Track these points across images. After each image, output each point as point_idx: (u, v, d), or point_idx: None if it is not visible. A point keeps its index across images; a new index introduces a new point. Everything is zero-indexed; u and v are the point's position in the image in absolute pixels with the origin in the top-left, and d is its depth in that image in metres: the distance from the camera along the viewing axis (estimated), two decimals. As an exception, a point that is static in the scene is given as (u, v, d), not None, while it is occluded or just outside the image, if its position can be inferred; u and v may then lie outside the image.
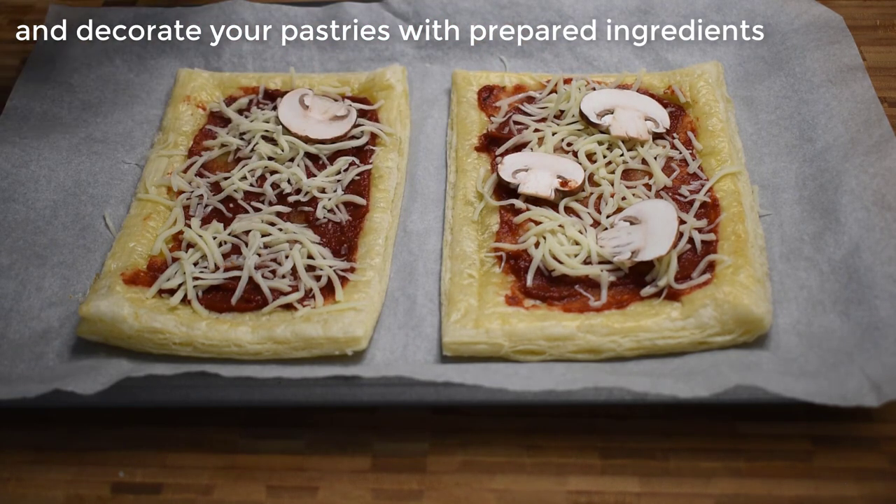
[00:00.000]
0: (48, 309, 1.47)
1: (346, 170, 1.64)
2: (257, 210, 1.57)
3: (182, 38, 1.92)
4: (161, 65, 1.91)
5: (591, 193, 1.55)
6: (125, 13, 1.95)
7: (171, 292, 1.45)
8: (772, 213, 1.54)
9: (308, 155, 1.66)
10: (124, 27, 1.93)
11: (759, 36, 1.82)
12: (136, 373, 1.31)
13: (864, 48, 1.82)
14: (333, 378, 1.31)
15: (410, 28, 1.92)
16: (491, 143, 1.67)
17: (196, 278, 1.45)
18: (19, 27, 2.07)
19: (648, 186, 1.56)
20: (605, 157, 1.61)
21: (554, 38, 1.89)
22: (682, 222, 1.47)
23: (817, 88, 1.67)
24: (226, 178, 1.62)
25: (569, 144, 1.64)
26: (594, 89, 1.72)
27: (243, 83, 1.82)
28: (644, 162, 1.60)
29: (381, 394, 1.30)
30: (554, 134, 1.66)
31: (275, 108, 1.73)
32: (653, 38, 1.87)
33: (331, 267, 1.45)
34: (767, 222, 1.53)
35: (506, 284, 1.44)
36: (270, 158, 1.65)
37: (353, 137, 1.69)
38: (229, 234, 1.51)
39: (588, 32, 1.89)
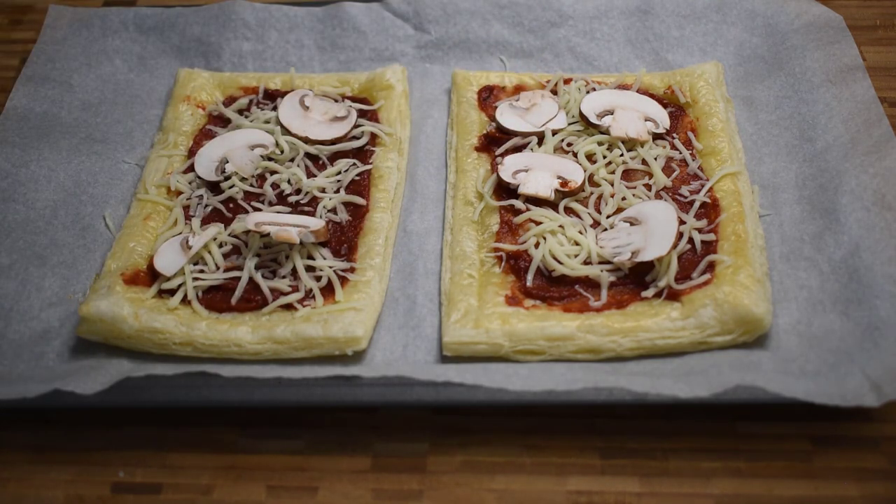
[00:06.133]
0: (48, 309, 1.48)
1: (346, 170, 1.64)
2: (257, 210, 1.57)
3: (182, 38, 1.92)
4: (161, 65, 1.91)
5: (591, 194, 1.56)
6: (125, 13, 1.95)
7: (172, 292, 1.45)
8: (772, 213, 1.54)
9: (308, 155, 1.66)
10: (124, 27, 1.93)
11: (759, 36, 1.83)
12: (136, 373, 1.31)
13: (864, 48, 1.83)
14: (333, 378, 1.31)
15: (410, 28, 1.92)
16: (491, 143, 1.67)
17: (196, 278, 1.45)
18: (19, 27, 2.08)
19: (648, 187, 1.56)
20: (604, 157, 1.61)
21: (554, 38, 1.89)
22: (682, 222, 1.47)
23: (817, 88, 1.67)
24: (226, 179, 1.62)
25: (569, 145, 1.64)
26: (594, 89, 1.73)
27: (243, 83, 1.83)
28: (644, 162, 1.60)
29: (381, 394, 1.30)
30: (554, 134, 1.66)
31: (275, 109, 1.73)
32: (653, 38, 1.88)
33: (331, 267, 1.46)
34: (767, 222, 1.53)
35: (506, 284, 1.44)
36: (270, 159, 1.65)
37: (353, 138, 1.69)
38: (229, 235, 1.51)
39: (588, 32, 1.89)
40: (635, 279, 1.43)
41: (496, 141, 1.67)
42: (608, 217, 1.52)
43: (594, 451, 1.30)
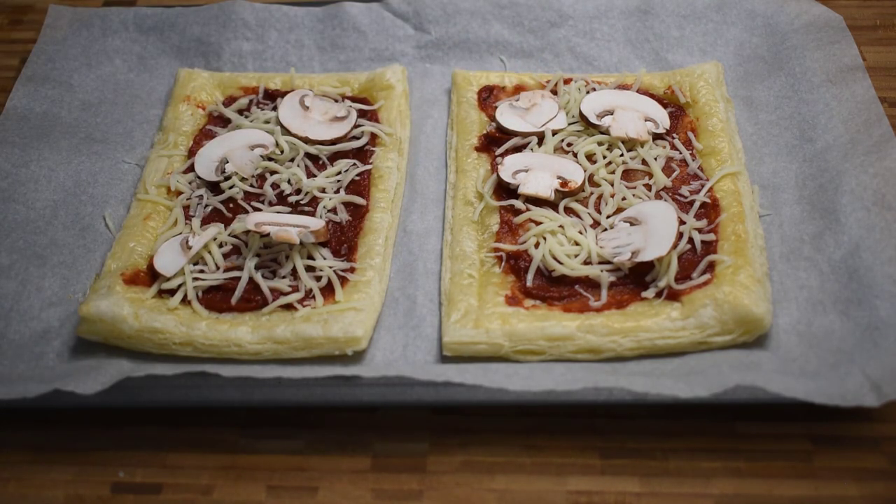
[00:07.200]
0: (48, 309, 1.48)
1: (346, 170, 1.64)
2: (257, 210, 1.57)
3: (182, 38, 1.92)
4: (161, 65, 1.91)
5: (591, 194, 1.56)
6: (125, 13, 1.95)
7: (172, 292, 1.45)
8: (772, 213, 1.54)
9: (308, 155, 1.66)
10: (124, 27, 1.93)
11: (759, 36, 1.83)
12: (136, 373, 1.31)
13: (864, 48, 1.83)
14: (333, 378, 1.31)
15: (410, 28, 1.92)
16: (491, 143, 1.67)
17: (196, 278, 1.45)
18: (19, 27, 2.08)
19: (648, 187, 1.56)
20: (604, 157, 1.61)
21: (554, 38, 1.89)
22: (682, 222, 1.47)
23: (817, 88, 1.67)
24: (226, 179, 1.62)
25: (569, 145, 1.64)
26: (594, 90, 1.73)
27: (243, 83, 1.83)
28: (644, 162, 1.60)
29: (381, 394, 1.30)
30: (554, 134, 1.66)
31: (275, 109, 1.73)
32: (653, 38, 1.88)
33: (331, 267, 1.46)
34: (767, 222, 1.53)
35: (506, 284, 1.44)
36: (270, 159, 1.65)
37: (353, 138, 1.69)
38: (229, 235, 1.51)
39: (588, 32, 1.89)
40: (635, 279, 1.43)
41: (496, 141, 1.67)
42: (608, 217, 1.52)
43: (594, 451, 1.30)
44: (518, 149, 1.65)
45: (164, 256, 1.48)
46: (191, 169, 1.65)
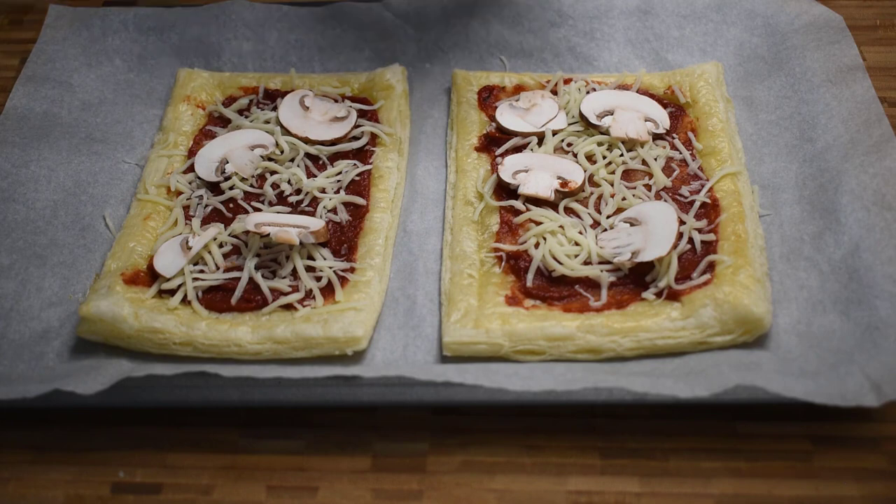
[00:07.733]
0: (48, 309, 1.48)
1: (346, 170, 1.64)
2: (257, 210, 1.57)
3: (182, 38, 1.92)
4: (161, 65, 1.91)
5: (591, 194, 1.56)
6: (125, 13, 1.95)
7: (172, 292, 1.45)
8: (772, 213, 1.54)
9: (308, 155, 1.66)
10: (124, 27, 1.93)
11: (759, 36, 1.83)
12: (136, 373, 1.31)
13: (864, 48, 1.83)
14: (333, 378, 1.31)
15: (410, 28, 1.92)
16: (491, 144, 1.67)
17: (196, 279, 1.45)
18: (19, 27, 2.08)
19: (648, 187, 1.56)
20: (604, 157, 1.61)
21: (554, 38, 1.89)
22: (682, 223, 1.47)
23: (817, 88, 1.67)
24: (226, 179, 1.62)
25: (569, 145, 1.64)
26: (594, 90, 1.73)
27: (243, 83, 1.83)
28: (644, 163, 1.60)
29: (381, 394, 1.30)
30: (554, 134, 1.66)
31: (275, 109, 1.73)
32: (653, 38, 1.88)
33: (330, 267, 1.46)
34: (767, 222, 1.53)
35: (506, 284, 1.44)
36: (270, 159, 1.65)
37: (353, 138, 1.69)
38: (229, 235, 1.51)
39: (588, 32, 1.89)
40: (635, 279, 1.43)
41: (496, 141, 1.67)
42: (608, 217, 1.52)
43: (594, 451, 1.30)
44: (518, 149, 1.65)
45: (164, 257, 1.48)
46: (191, 169, 1.65)
